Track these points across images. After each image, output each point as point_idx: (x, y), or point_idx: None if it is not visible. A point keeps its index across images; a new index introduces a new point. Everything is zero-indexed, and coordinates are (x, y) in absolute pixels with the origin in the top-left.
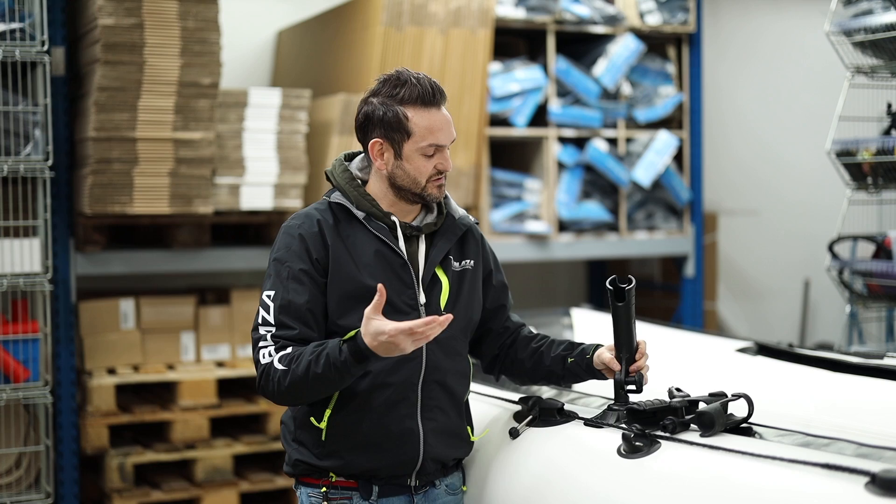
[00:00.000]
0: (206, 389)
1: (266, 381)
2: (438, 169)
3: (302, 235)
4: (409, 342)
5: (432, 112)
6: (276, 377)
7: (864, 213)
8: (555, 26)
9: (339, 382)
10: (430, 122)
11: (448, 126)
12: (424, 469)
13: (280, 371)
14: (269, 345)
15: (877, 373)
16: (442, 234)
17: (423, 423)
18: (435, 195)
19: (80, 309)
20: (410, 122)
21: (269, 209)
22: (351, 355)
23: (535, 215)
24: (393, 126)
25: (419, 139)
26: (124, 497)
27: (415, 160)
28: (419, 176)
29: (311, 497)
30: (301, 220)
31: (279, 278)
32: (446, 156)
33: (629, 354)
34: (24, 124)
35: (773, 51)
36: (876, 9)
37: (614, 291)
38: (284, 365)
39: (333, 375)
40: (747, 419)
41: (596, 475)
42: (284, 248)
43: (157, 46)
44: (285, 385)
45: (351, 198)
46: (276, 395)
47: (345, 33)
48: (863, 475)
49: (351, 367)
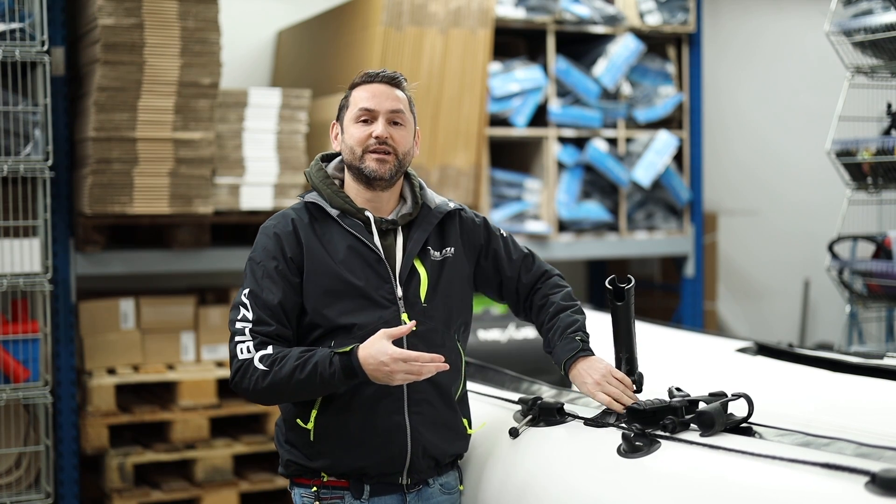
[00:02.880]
0: (205, 389)
1: (242, 378)
2: (375, 136)
3: (277, 234)
4: (401, 374)
5: (373, 86)
6: (255, 376)
7: (864, 213)
8: (555, 26)
9: (319, 392)
10: (366, 91)
11: (385, 95)
12: (415, 466)
13: (260, 371)
14: (248, 339)
15: (877, 373)
16: (418, 225)
17: (410, 417)
18: (373, 168)
19: (80, 309)
20: (350, 98)
21: (269, 209)
22: (341, 370)
23: (535, 215)
24: (342, 106)
25: (353, 106)
26: (124, 497)
27: (349, 129)
28: (355, 144)
29: (303, 497)
30: (277, 220)
31: (254, 277)
32: (382, 123)
33: (629, 354)
34: (24, 124)
35: (773, 51)
36: (876, 9)
37: (613, 291)
38: (266, 365)
39: (317, 385)
40: (747, 419)
41: (596, 475)
42: (260, 248)
43: (157, 46)
44: (263, 385)
45: (325, 196)
46: (250, 393)
47: (345, 33)
48: (863, 475)
49: (338, 382)
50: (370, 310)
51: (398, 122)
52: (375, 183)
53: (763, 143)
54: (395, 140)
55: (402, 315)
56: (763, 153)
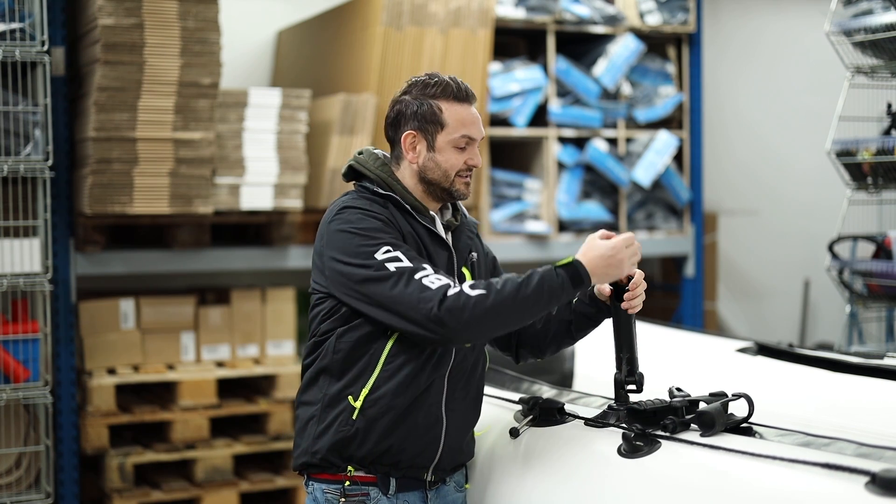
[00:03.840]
0: (206, 389)
1: (454, 305)
2: (468, 164)
3: (376, 213)
4: (627, 259)
5: (464, 107)
6: (469, 302)
7: (864, 213)
8: (555, 26)
9: (544, 307)
10: (462, 115)
11: (479, 122)
12: (441, 463)
13: (476, 296)
14: (429, 272)
15: (877, 373)
16: (462, 231)
17: (446, 414)
18: (462, 191)
19: (80, 309)
20: (444, 115)
21: (269, 209)
22: (569, 279)
23: (535, 215)
24: (427, 118)
25: (452, 130)
26: (124, 497)
27: (446, 152)
28: (450, 169)
29: (325, 493)
30: (365, 204)
31: (384, 239)
32: (476, 152)
33: (629, 354)
34: (24, 124)
35: (773, 51)
36: (876, 9)
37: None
38: (482, 289)
39: (544, 298)
40: (747, 419)
41: (596, 475)
42: (370, 220)
43: (157, 46)
44: (485, 306)
45: (396, 191)
46: (461, 321)
47: (345, 33)
48: (863, 475)
49: (566, 290)
50: None
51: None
52: (453, 202)
53: (763, 143)
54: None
55: None
56: (763, 153)
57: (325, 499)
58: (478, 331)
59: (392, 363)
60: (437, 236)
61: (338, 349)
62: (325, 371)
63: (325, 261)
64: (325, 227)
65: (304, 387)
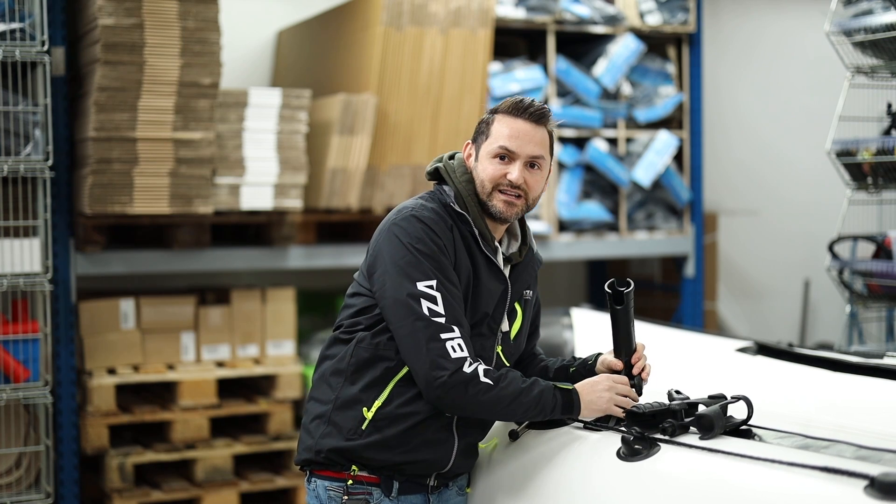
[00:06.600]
0: (206, 389)
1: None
2: (509, 179)
3: (439, 234)
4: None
5: (518, 122)
6: (474, 389)
7: (864, 213)
8: (555, 26)
9: (528, 415)
10: (509, 128)
11: (528, 137)
12: (447, 474)
13: (482, 385)
14: (457, 337)
15: (877, 373)
16: (525, 267)
17: (457, 431)
18: (500, 210)
19: (80, 309)
20: (492, 126)
21: (269, 209)
22: (562, 404)
23: (535, 215)
24: (480, 129)
25: (493, 140)
26: (124, 497)
27: (484, 161)
28: (486, 179)
29: (328, 490)
30: (433, 218)
31: (431, 267)
32: (519, 168)
33: (628, 357)
34: (24, 124)
35: (773, 51)
36: (876, 9)
37: (613, 295)
38: (491, 380)
39: (534, 409)
40: (747, 421)
41: (595, 478)
42: (429, 243)
43: (157, 46)
44: (485, 398)
45: (470, 211)
46: (459, 401)
47: (345, 33)
48: (862, 479)
49: (555, 412)
50: (475, 337)
51: (535, 166)
52: (498, 221)
53: (763, 143)
54: (529, 185)
55: (497, 348)
56: (763, 153)
57: (327, 496)
58: (468, 412)
59: (408, 379)
60: (495, 266)
61: (356, 354)
62: (340, 373)
63: (374, 255)
64: (387, 224)
65: (317, 382)
